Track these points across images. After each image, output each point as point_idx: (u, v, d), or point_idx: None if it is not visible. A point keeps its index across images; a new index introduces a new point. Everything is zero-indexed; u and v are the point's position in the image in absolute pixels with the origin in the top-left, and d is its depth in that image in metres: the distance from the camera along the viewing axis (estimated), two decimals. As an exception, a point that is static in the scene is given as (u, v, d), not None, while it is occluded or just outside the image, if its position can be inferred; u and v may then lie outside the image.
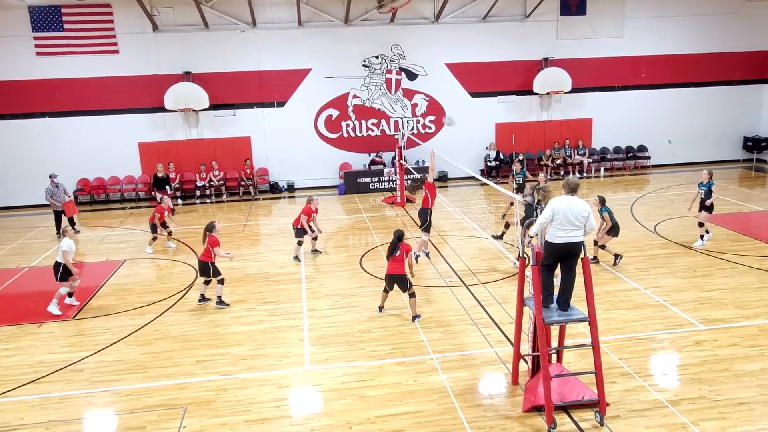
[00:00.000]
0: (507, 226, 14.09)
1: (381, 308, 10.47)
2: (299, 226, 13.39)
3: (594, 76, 22.28)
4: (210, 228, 11.03)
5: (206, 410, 7.64)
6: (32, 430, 7.38)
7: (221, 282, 11.12)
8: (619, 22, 22.05)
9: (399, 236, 9.94)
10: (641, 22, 22.11)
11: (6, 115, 19.84)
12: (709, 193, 13.26)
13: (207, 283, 11.27)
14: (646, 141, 23.13)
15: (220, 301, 11.07)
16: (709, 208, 13.29)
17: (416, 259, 12.56)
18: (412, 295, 10.02)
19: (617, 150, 23.14)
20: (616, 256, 12.30)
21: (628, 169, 23.05)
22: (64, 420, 7.59)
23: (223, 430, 7.23)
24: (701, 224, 13.40)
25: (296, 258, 13.64)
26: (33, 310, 11.29)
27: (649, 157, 23.14)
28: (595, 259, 12.48)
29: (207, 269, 11.05)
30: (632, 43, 22.25)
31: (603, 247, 12.41)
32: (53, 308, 11.06)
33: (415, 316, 10.07)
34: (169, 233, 15.01)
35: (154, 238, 14.78)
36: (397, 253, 9.81)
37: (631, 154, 23.09)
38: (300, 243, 13.58)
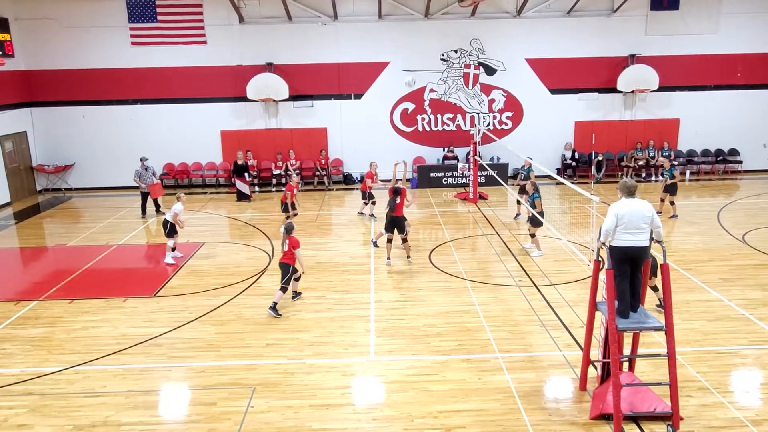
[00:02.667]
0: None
1: (388, 259, 12.91)
2: (367, 191, 16.60)
3: (684, 74, 21.21)
4: (289, 229, 10.44)
5: (273, 392, 7.89)
6: (113, 398, 7.85)
7: (284, 290, 10.47)
8: (714, 18, 20.87)
9: (397, 190, 12.78)
10: (738, 18, 20.83)
11: (101, 101, 21.08)
12: None
13: (297, 279, 10.86)
14: (737, 144, 21.83)
15: (274, 308, 10.37)
16: None
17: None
18: (405, 240, 12.84)
19: (705, 153, 21.96)
20: None
21: (717, 173, 21.84)
22: (143, 390, 8.03)
23: (289, 412, 7.44)
24: None
25: (361, 213, 16.94)
26: (119, 285, 12.02)
27: (740, 162, 21.83)
28: None
29: (287, 271, 10.42)
30: (728, 40, 21.01)
31: None
32: (168, 259, 13.21)
33: (408, 256, 12.90)
34: (294, 215, 15.36)
35: (288, 217, 15.19)
36: (398, 202, 12.70)
37: (721, 157, 21.86)
38: (365, 203, 16.69)
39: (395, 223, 12.82)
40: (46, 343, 9.51)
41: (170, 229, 13.12)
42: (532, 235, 13.29)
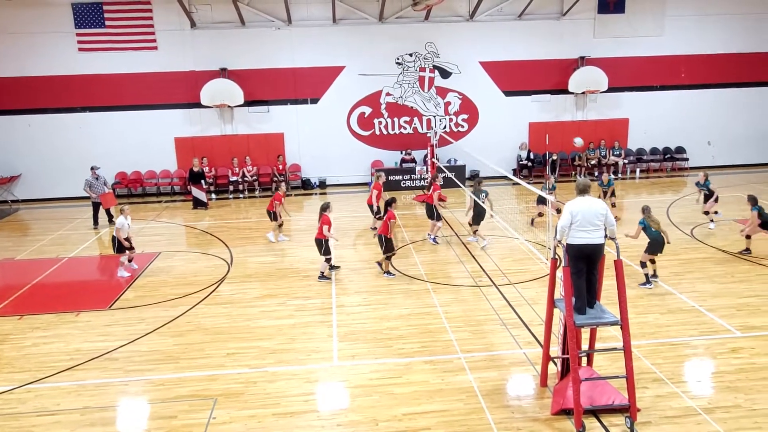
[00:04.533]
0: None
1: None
2: (375, 204, 15.22)
3: (631, 75, 21.88)
4: (324, 208, 11.94)
5: (235, 402, 7.76)
6: (68, 416, 7.59)
7: (328, 261, 12.03)
8: (659, 21, 21.60)
9: (389, 202, 12.21)
10: (682, 21, 21.63)
11: (48, 110, 20.42)
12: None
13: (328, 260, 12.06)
14: (684, 142, 22.63)
15: (322, 276, 12.05)
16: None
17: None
18: (388, 258, 12.09)
19: (654, 151, 22.69)
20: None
21: (665, 170, 22.58)
22: (99, 407, 7.79)
23: (252, 422, 7.33)
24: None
25: (374, 228, 15.34)
26: (71, 299, 11.64)
27: (687, 159, 22.62)
28: (748, 250, 12.93)
29: (321, 246, 11.88)
30: (672, 42, 21.78)
31: (748, 237, 12.94)
32: (122, 272, 12.71)
33: (386, 272, 12.13)
34: (280, 225, 15.14)
35: (279, 225, 15.08)
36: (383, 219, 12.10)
37: (669, 155, 22.61)
38: (376, 219, 15.37)
39: (379, 240, 12.15)
40: (-6, 362, 9.15)
41: (119, 245, 12.66)
42: (475, 231, 14.33)
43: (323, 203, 12.18)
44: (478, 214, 14.07)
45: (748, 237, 13.04)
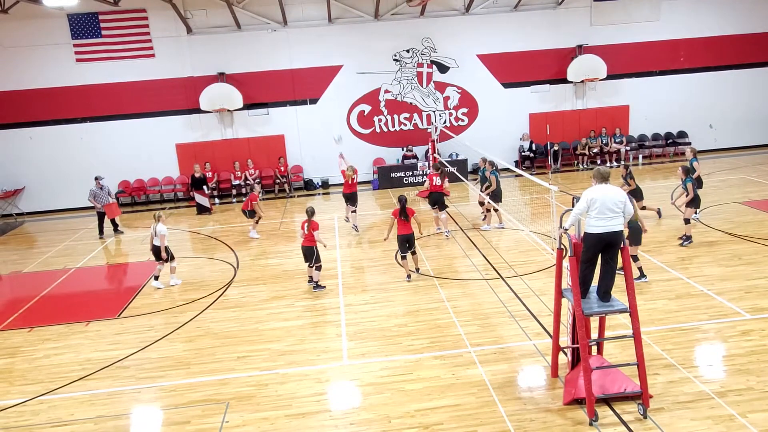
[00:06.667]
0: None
1: (409, 276, 11.79)
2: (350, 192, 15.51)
3: (630, 61, 21.79)
4: (312, 213, 11.42)
5: (248, 405, 7.78)
6: (82, 426, 7.62)
7: (319, 269, 11.55)
8: (655, 5, 21.50)
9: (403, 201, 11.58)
10: (678, 4, 21.52)
11: (48, 122, 20.48)
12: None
13: (318, 269, 11.61)
14: (685, 127, 22.54)
15: (318, 286, 11.59)
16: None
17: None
18: (413, 252, 11.76)
19: (656, 137, 22.60)
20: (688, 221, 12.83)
21: (668, 155, 22.49)
22: (112, 415, 7.82)
23: (265, 424, 7.35)
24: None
25: (354, 227, 15.55)
26: (80, 309, 11.69)
27: (689, 143, 22.49)
28: (689, 239, 12.67)
29: (312, 254, 11.41)
30: (669, 26, 21.67)
31: (687, 221, 12.66)
32: (156, 283, 12.49)
33: (417, 269, 11.91)
34: (256, 221, 15.63)
35: (257, 222, 15.66)
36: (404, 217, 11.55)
37: (671, 140, 22.52)
38: (354, 211, 15.57)
39: (407, 241, 11.69)
40: (6, 375, 9.18)
41: (167, 253, 12.25)
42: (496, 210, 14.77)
43: (309, 208, 11.54)
44: (496, 194, 14.54)
45: (687, 222, 12.64)
